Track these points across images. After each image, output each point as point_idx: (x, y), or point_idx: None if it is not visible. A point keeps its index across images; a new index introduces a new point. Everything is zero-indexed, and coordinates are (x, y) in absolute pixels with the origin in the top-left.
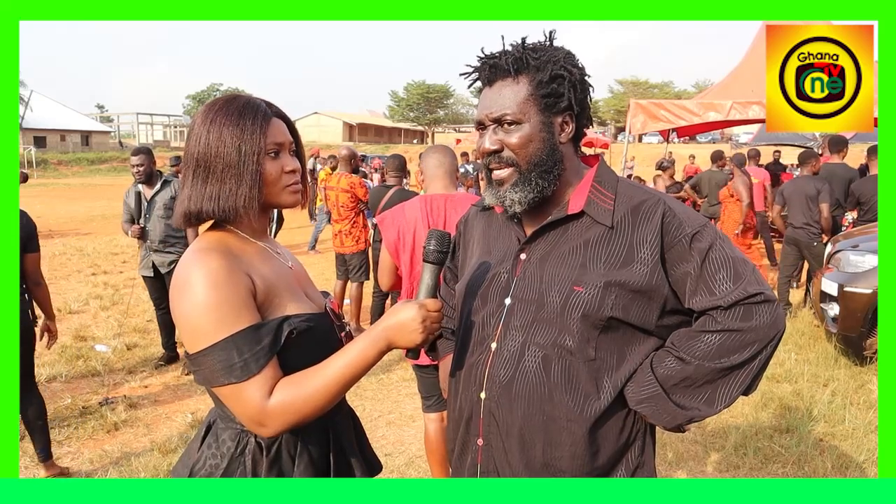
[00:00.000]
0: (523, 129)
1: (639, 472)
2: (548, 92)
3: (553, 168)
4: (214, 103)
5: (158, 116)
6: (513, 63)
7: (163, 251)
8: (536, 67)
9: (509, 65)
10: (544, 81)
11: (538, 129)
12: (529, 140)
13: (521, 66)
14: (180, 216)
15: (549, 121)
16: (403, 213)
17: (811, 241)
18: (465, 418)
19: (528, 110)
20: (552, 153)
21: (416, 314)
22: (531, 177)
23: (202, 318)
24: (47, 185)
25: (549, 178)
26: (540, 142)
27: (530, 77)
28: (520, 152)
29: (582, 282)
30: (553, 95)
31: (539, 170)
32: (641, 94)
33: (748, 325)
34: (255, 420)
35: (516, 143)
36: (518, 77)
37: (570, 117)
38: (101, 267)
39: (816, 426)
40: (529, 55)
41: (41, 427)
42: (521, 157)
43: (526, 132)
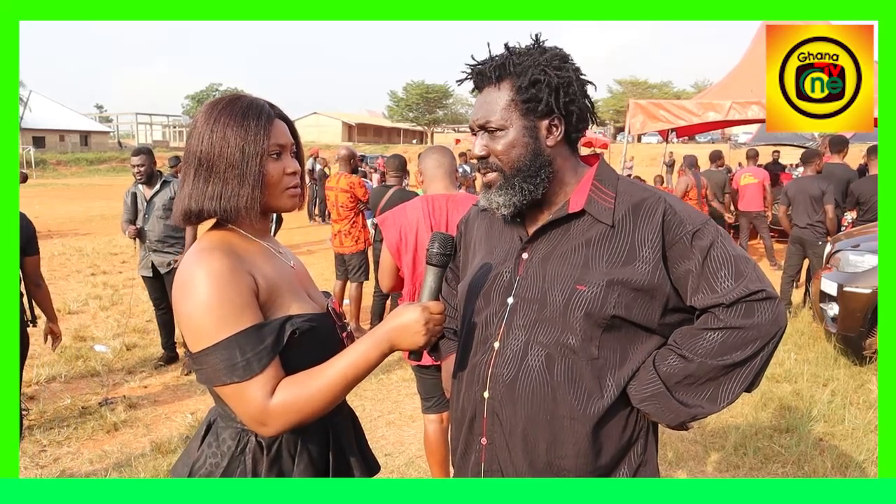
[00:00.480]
0: (507, 136)
1: (641, 470)
2: (528, 97)
3: (539, 172)
4: (217, 103)
5: (157, 117)
6: (494, 70)
7: (162, 251)
8: (517, 73)
9: (491, 72)
10: (524, 87)
11: (521, 134)
12: (512, 146)
13: (502, 73)
14: (180, 214)
15: (532, 125)
16: (405, 213)
17: (816, 241)
18: (469, 418)
19: (509, 116)
20: (536, 158)
21: (419, 316)
22: (514, 181)
23: (205, 317)
24: (46, 185)
25: (535, 182)
26: (522, 147)
27: (511, 83)
28: (503, 158)
29: (584, 280)
30: (533, 100)
31: (523, 175)
32: (640, 94)
33: (750, 322)
34: (256, 419)
35: (500, 150)
36: (500, 84)
37: (558, 120)
38: (100, 267)
39: (816, 426)
40: (512, 61)
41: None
42: (504, 162)
43: (509, 139)
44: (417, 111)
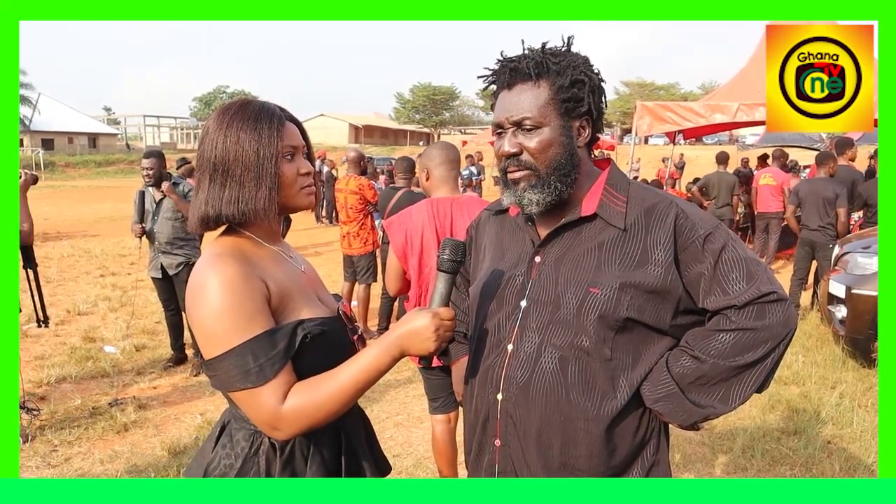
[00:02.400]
0: (543, 134)
1: (654, 470)
2: (568, 97)
3: (571, 172)
4: (228, 108)
5: (165, 119)
6: (534, 67)
7: (171, 253)
8: (557, 72)
9: (530, 69)
10: (565, 86)
11: (558, 133)
12: (549, 144)
13: (541, 71)
14: (197, 220)
15: (567, 125)
16: (410, 217)
17: (827, 244)
18: (483, 420)
19: (548, 114)
20: (570, 157)
21: (430, 322)
22: (550, 180)
23: (218, 324)
24: (55, 187)
25: (567, 182)
26: (559, 146)
27: (551, 81)
28: (539, 156)
29: (598, 283)
30: (573, 100)
31: (558, 174)
32: (647, 96)
33: (762, 323)
34: (269, 424)
35: (536, 147)
36: (539, 81)
37: (586, 122)
38: (108, 268)
39: (824, 428)
40: (550, 59)
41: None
42: (539, 160)
43: (546, 136)
44: (424, 113)
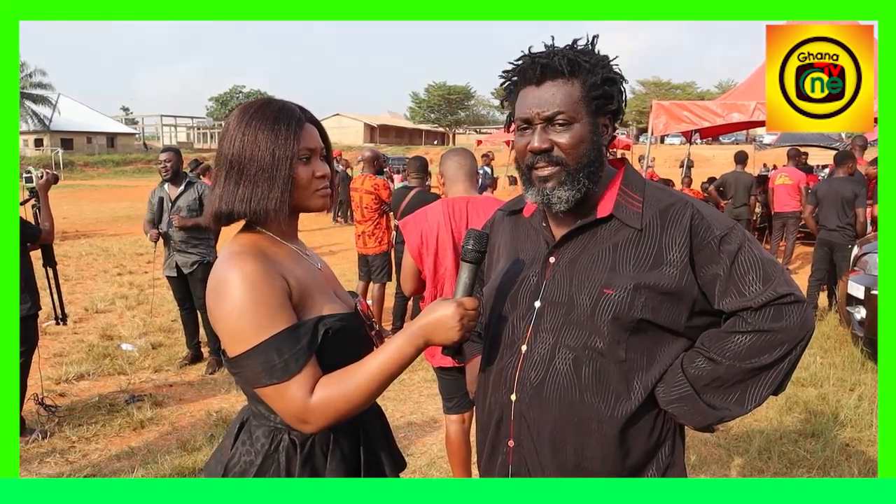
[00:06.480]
0: (575, 129)
1: (669, 471)
2: (600, 94)
3: (598, 169)
4: (250, 106)
5: (182, 118)
6: (567, 63)
7: (186, 251)
8: (588, 70)
9: (563, 65)
10: (597, 84)
11: (588, 129)
12: (581, 140)
13: (574, 68)
14: (211, 215)
15: (595, 122)
16: (426, 216)
17: (846, 244)
18: (496, 420)
19: (580, 110)
20: (599, 154)
21: (454, 312)
22: (579, 177)
23: (241, 321)
24: (74, 186)
25: (594, 179)
26: (590, 143)
27: (583, 79)
28: (571, 152)
29: (612, 284)
30: (604, 97)
31: (587, 170)
32: (664, 95)
33: (778, 325)
34: (298, 417)
35: (567, 143)
36: (571, 78)
37: (609, 120)
38: (126, 267)
39: (843, 431)
40: (581, 57)
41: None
42: (570, 156)
43: (578, 132)
44: (439, 112)
